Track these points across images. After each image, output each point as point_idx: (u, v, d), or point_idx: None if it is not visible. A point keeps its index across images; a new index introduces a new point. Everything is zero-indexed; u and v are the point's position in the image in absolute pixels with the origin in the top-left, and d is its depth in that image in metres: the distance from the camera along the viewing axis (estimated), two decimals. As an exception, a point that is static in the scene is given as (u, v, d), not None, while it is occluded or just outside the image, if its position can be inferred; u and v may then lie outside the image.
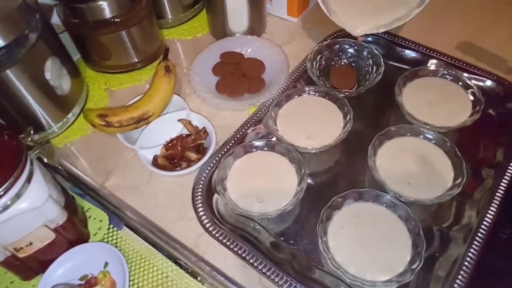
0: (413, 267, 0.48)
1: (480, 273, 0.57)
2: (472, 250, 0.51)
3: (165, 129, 0.65)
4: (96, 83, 0.77)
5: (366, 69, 0.71)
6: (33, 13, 0.61)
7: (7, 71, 0.58)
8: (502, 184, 0.56)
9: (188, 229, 0.57)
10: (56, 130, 0.69)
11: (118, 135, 0.64)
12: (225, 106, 0.69)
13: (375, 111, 0.68)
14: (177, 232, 0.57)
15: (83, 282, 0.56)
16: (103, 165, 0.65)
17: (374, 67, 0.70)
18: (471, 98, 0.65)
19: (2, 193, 0.45)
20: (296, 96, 0.67)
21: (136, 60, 0.76)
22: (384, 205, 0.54)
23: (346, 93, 0.67)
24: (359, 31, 0.66)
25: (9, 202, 0.46)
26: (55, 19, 0.72)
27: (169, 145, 0.63)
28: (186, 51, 0.83)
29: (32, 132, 0.53)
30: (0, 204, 0.46)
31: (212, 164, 0.60)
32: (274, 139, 0.63)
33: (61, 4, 0.70)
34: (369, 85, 0.67)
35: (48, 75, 0.63)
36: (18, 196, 0.47)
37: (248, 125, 0.66)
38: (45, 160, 0.56)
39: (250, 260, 0.51)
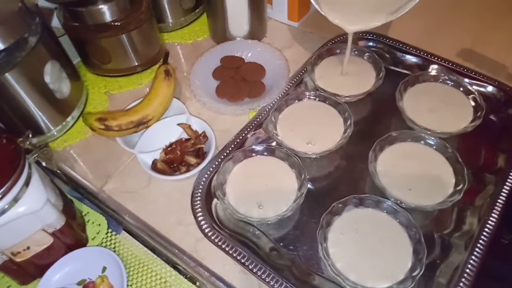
0: (414, 274, 0.47)
1: (480, 277, 0.57)
2: (473, 257, 0.50)
3: (164, 133, 0.64)
4: (96, 87, 0.77)
5: (367, 74, 0.71)
6: (33, 16, 0.61)
7: (7, 74, 0.58)
8: (503, 190, 0.56)
9: (187, 234, 0.57)
10: (55, 133, 0.68)
11: (117, 139, 0.64)
12: (225, 110, 0.69)
13: (375, 116, 0.68)
14: (176, 237, 0.57)
15: (81, 287, 0.55)
16: (102, 169, 0.65)
17: (375, 72, 0.70)
18: (472, 103, 0.64)
19: (-1, 197, 0.45)
20: (297, 101, 0.67)
21: (136, 64, 0.76)
22: (385, 211, 0.53)
23: (347, 98, 0.66)
24: (354, 28, 0.65)
25: (6, 206, 0.46)
26: (55, 23, 0.72)
27: (169, 149, 0.62)
28: (186, 55, 0.83)
29: (30, 135, 0.52)
30: (-3, 208, 0.45)
31: (211, 169, 0.60)
32: (274, 143, 0.63)
33: (61, 7, 0.70)
34: (370, 90, 0.67)
35: (47, 79, 0.63)
36: (16, 200, 0.47)
37: (248, 129, 0.65)
38: (44, 163, 0.55)
39: (249, 266, 0.51)
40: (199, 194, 0.58)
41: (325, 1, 0.66)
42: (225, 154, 0.62)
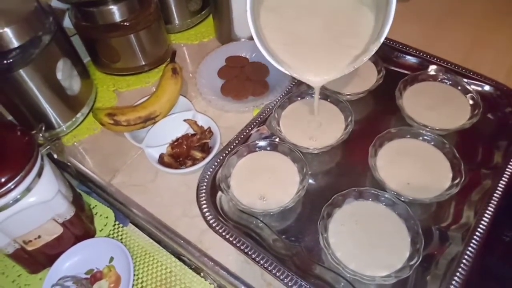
0: (412, 263, 0.49)
1: (482, 277, 0.58)
2: (469, 248, 0.51)
3: (171, 129, 0.66)
4: (105, 85, 0.79)
5: (368, 73, 0.73)
6: (47, 16, 0.63)
7: (21, 70, 0.60)
8: (500, 185, 0.57)
9: (192, 226, 0.58)
10: (64, 129, 0.71)
11: (125, 134, 0.66)
12: (229, 107, 0.71)
13: (376, 114, 0.70)
14: (181, 228, 0.58)
15: (89, 276, 0.57)
16: (110, 163, 0.67)
17: (376, 71, 0.72)
18: (470, 102, 0.66)
19: (13, 186, 0.47)
20: (299, 99, 0.69)
21: (144, 63, 0.79)
22: (384, 203, 0.55)
23: (348, 96, 0.68)
24: (320, 81, 0.59)
25: (19, 196, 0.48)
26: (67, 23, 0.75)
27: (175, 144, 0.64)
28: (192, 55, 0.85)
29: (43, 128, 0.54)
30: (11, 197, 0.47)
31: (216, 163, 0.62)
32: (277, 139, 0.65)
33: (73, 8, 0.72)
34: (370, 88, 0.68)
35: (59, 75, 0.66)
36: (28, 189, 0.49)
37: (252, 126, 0.67)
38: (55, 156, 0.57)
39: (253, 256, 0.52)
40: (204, 187, 0.59)
41: (287, 59, 0.59)
42: (229, 149, 0.64)
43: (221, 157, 0.62)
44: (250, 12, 0.54)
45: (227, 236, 0.54)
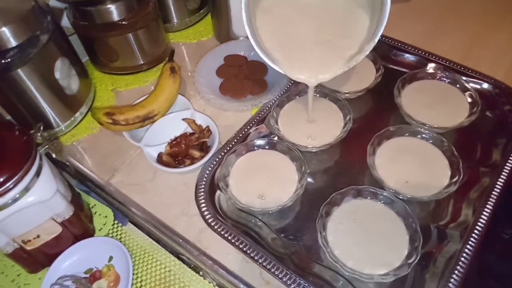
0: (410, 261, 0.49)
1: (480, 274, 0.58)
2: (468, 246, 0.51)
3: (170, 128, 0.66)
4: (103, 84, 0.79)
5: (366, 71, 0.73)
6: (45, 15, 0.63)
7: (19, 70, 0.60)
8: (498, 183, 0.57)
9: (191, 225, 0.58)
10: (63, 128, 0.71)
11: (124, 133, 0.66)
12: (228, 106, 0.71)
13: (374, 112, 0.70)
14: (180, 227, 0.59)
15: (88, 276, 0.57)
16: (109, 162, 0.67)
17: (374, 70, 0.72)
18: (469, 100, 0.66)
19: (11, 186, 0.47)
20: (298, 97, 0.69)
21: (142, 62, 0.79)
22: (382, 202, 0.55)
23: (347, 95, 0.68)
24: (314, 81, 0.60)
25: (18, 195, 0.48)
26: (65, 22, 0.74)
27: (174, 142, 0.64)
28: (190, 54, 0.85)
29: (42, 127, 0.54)
30: (9, 197, 0.47)
31: (215, 162, 0.62)
32: (275, 138, 0.65)
33: (71, 7, 0.72)
34: (369, 87, 0.68)
35: (57, 75, 0.66)
36: (27, 189, 0.49)
37: (251, 124, 0.67)
38: (54, 155, 0.57)
39: (251, 254, 0.52)
40: (203, 186, 0.59)
41: (282, 59, 0.61)
42: (228, 148, 0.63)
43: (220, 156, 0.62)
44: (246, 13, 0.54)
45: (226, 235, 0.54)
